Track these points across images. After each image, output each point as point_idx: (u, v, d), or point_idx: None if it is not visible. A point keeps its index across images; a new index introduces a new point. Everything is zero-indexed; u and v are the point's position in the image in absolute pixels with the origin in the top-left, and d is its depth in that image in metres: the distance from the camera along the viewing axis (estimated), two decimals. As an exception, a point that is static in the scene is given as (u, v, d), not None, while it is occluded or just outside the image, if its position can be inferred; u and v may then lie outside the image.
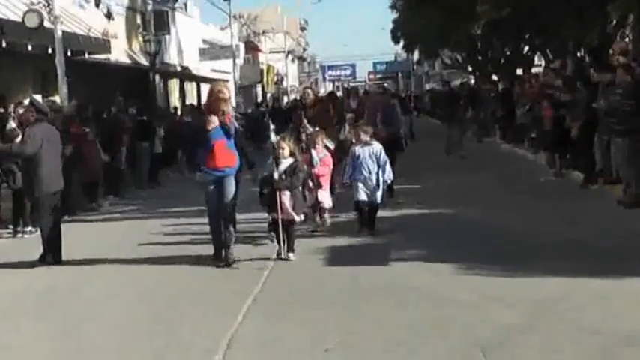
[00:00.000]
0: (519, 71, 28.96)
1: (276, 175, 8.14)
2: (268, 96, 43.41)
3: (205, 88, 35.27)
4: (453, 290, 6.60)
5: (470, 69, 37.91)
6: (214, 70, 35.62)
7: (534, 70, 28.90)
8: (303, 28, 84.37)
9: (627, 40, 19.65)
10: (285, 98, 48.02)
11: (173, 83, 32.06)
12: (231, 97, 8.52)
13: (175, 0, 31.25)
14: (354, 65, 72.72)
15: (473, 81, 36.87)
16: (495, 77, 29.83)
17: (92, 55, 20.02)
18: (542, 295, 6.29)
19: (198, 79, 35.16)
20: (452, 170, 16.04)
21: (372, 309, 6.24)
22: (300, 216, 8.39)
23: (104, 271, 8.32)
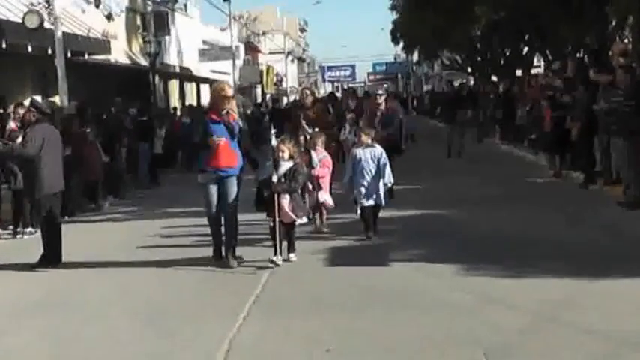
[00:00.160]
0: (519, 72, 28.98)
1: (275, 178, 8.00)
2: (268, 97, 43.38)
3: (205, 88, 35.37)
4: (453, 292, 6.59)
5: (469, 70, 37.94)
6: (214, 71, 35.61)
7: (534, 71, 28.93)
8: (302, 29, 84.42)
9: (626, 41, 19.66)
10: (285, 99, 48.02)
11: (173, 84, 32.08)
12: (234, 96, 8.43)
13: (175, 1, 31.26)
14: (353, 66, 72.89)
15: (472, 82, 36.91)
16: (495, 78, 29.83)
17: (92, 55, 20.04)
18: (543, 296, 6.29)
19: (198, 80, 35.17)
20: (452, 171, 16.03)
21: (372, 310, 6.23)
22: (302, 218, 8.27)
23: (104, 272, 8.31)
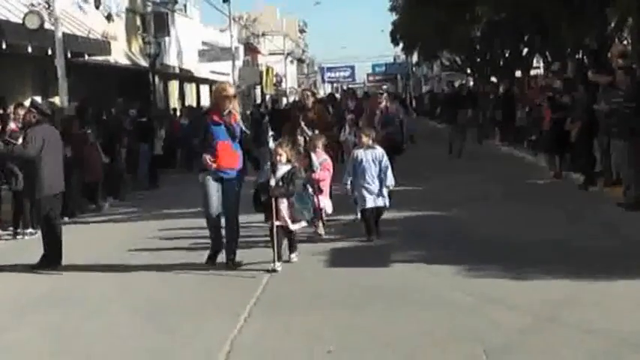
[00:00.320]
0: (518, 73, 28.99)
1: (272, 181, 7.91)
2: (267, 97, 43.36)
3: (205, 89, 35.40)
4: (454, 292, 6.59)
5: (469, 71, 37.96)
6: (214, 71, 35.59)
7: (533, 72, 28.96)
8: (302, 30, 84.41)
9: (626, 42, 19.70)
10: (285, 100, 48.02)
11: (173, 85, 32.07)
12: (236, 96, 8.38)
13: (175, 2, 31.24)
14: (353, 67, 72.82)
15: (472, 83, 36.94)
16: (494, 79, 29.84)
17: (92, 56, 20.03)
18: (543, 297, 6.29)
19: (198, 81, 35.16)
20: (452, 171, 16.03)
21: (373, 311, 6.24)
22: (301, 222, 8.19)
23: (104, 272, 8.30)
